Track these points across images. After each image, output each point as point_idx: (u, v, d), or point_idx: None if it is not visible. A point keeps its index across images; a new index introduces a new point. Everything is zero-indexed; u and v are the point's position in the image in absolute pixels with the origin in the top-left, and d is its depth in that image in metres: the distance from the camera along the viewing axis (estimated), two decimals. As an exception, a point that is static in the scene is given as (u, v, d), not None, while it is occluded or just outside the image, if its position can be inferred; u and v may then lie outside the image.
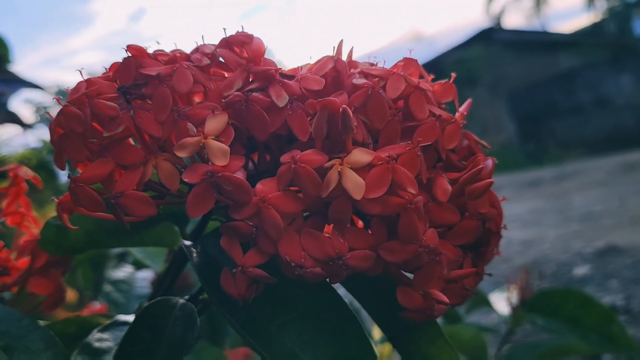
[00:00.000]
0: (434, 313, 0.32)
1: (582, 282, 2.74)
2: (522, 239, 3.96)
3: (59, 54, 13.39)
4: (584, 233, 3.70)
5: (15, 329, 0.40)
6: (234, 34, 0.34)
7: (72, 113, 0.30)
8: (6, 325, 0.40)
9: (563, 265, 3.16)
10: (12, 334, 0.40)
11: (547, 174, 7.05)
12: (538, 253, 3.55)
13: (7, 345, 0.40)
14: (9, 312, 0.41)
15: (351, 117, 0.29)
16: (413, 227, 0.30)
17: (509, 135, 10.14)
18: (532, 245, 3.77)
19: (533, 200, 5.46)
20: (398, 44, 43.24)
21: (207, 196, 0.29)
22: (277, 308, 0.34)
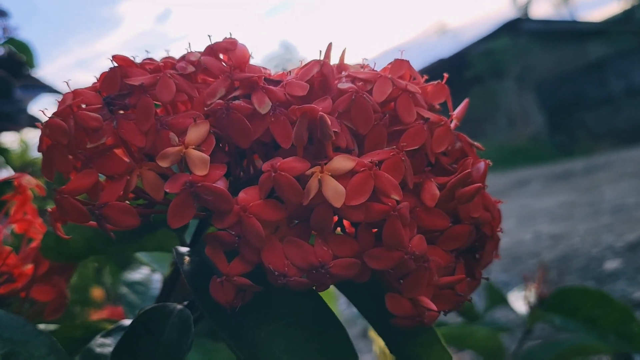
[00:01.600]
0: (425, 320, 0.32)
1: (612, 276, 2.68)
2: (551, 233, 3.89)
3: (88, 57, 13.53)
4: (615, 226, 3.61)
5: (19, 335, 0.41)
6: (218, 41, 0.34)
7: (57, 125, 0.31)
8: (10, 331, 0.41)
9: (593, 259, 3.10)
10: (15, 340, 0.41)
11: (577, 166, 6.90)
12: (568, 247, 3.49)
13: (11, 352, 0.40)
14: (12, 318, 0.42)
15: (329, 124, 0.28)
16: (397, 234, 0.29)
17: (537, 127, 9.95)
18: (561, 239, 3.70)
19: (563, 193, 5.36)
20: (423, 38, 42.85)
21: (187, 206, 0.29)
22: (267, 315, 0.34)
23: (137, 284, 0.83)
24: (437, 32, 18.11)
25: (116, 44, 12.57)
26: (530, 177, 6.81)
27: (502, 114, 10.41)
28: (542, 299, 0.82)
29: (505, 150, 9.11)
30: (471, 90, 10.08)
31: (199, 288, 0.33)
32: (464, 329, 0.76)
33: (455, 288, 0.33)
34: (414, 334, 0.37)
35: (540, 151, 8.65)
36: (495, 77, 10.11)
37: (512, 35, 10.17)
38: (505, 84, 10.20)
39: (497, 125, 10.48)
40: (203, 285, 0.32)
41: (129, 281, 0.84)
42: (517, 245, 3.86)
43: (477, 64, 9.95)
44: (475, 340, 0.75)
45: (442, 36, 22.50)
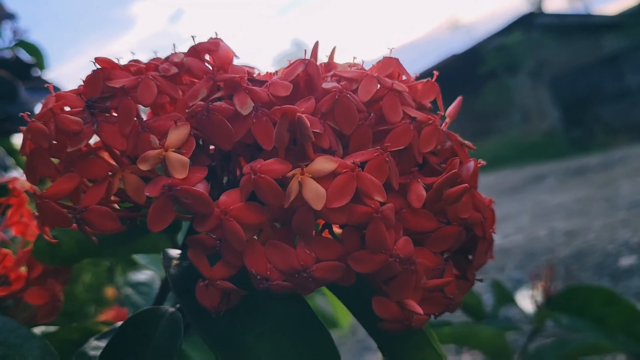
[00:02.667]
0: (412, 323, 0.31)
1: (628, 273, 2.65)
2: (566, 230, 3.84)
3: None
4: (632, 222, 3.56)
5: (12, 338, 0.41)
6: (201, 42, 0.34)
7: (38, 129, 0.30)
8: (3, 335, 0.41)
9: (609, 255, 3.06)
10: (9, 343, 0.41)
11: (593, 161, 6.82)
12: (583, 244, 3.45)
13: (4, 355, 0.40)
14: (6, 322, 0.42)
15: (307, 124, 0.28)
16: (380, 236, 0.28)
17: (552, 122, 9.84)
18: (576, 235, 3.66)
19: (578, 189, 5.30)
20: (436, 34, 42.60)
21: (166, 210, 0.28)
22: (254, 319, 0.33)
23: (142, 285, 0.83)
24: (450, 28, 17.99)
25: (129, 45, 12.49)
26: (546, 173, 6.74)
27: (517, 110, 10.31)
28: (549, 297, 0.80)
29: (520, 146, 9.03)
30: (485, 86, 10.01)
31: (184, 292, 0.33)
32: (469, 329, 0.75)
33: (445, 290, 0.33)
34: (404, 336, 0.36)
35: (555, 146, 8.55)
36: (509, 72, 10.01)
37: (525, 29, 10.06)
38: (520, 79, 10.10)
39: (511, 120, 10.39)
40: (188, 289, 0.32)
41: (134, 282, 0.84)
42: (531, 242, 3.82)
43: (491, 59, 9.86)
44: (480, 339, 0.74)
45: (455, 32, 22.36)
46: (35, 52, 1.56)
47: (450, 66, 11.02)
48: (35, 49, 1.56)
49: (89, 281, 1.55)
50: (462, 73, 10.49)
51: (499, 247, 3.85)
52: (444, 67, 11.12)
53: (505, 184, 6.65)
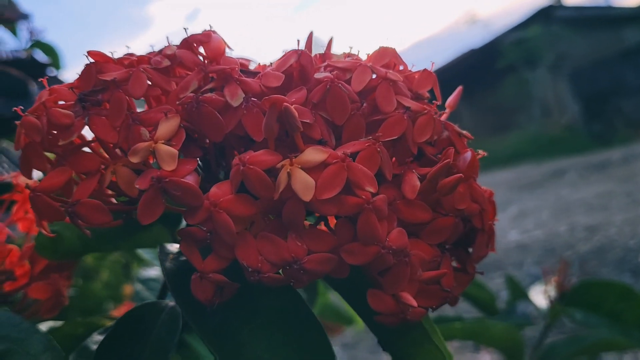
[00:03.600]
0: (408, 316, 0.31)
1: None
2: (587, 225, 3.79)
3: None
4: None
5: (15, 332, 0.41)
6: (193, 34, 0.33)
7: (30, 122, 0.31)
8: (7, 329, 0.41)
9: (630, 251, 3.01)
10: (12, 337, 0.41)
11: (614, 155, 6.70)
12: (604, 239, 3.40)
13: (7, 349, 0.41)
14: (9, 316, 0.42)
15: (294, 115, 0.27)
16: (371, 228, 0.28)
17: (573, 116, 9.69)
18: (597, 231, 3.60)
19: (600, 184, 5.22)
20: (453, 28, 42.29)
21: (156, 202, 0.28)
22: (249, 313, 0.33)
23: (152, 281, 0.83)
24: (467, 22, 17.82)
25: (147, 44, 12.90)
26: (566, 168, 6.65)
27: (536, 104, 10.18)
28: (563, 292, 0.79)
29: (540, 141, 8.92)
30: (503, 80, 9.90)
31: (179, 286, 0.32)
32: (480, 324, 0.74)
33: (442, 283, 0.32)
34: (403, 331, 0.36)
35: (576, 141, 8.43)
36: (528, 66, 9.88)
37: (544, 23, 9.92)
38: (539, 73, 9.96)
39: (531, 115, 10.26)
40: (184, 284, 0.32)
41: (144, 278, 0.84)
42: (551, 238, 3.78)
43: (509, 53, 9.74)
44: (491, 335, 0.73)
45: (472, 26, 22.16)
46: (51, 52, 1.58)
47: (468, 61, 10.93)
48: (51, 49, 1.58)
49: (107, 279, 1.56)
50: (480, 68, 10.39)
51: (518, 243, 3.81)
52: (461, 62, 11.02)
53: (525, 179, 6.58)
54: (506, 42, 10.16)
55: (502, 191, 5.83)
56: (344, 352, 2.40)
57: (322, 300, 1.30)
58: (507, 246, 3.81)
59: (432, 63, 0.36)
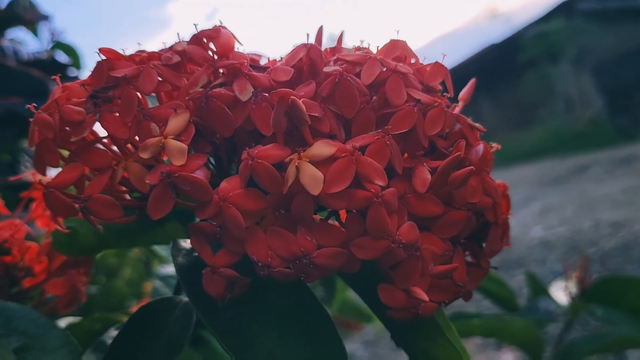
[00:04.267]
0: (420, 311, 0.30)
1: (676, 265, 2.55)
2: (612, 221, 3.72)
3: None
4: (681, 212, 3.42)
5: (33, 328, 0.42)
6: (203, 29, 0.33)
7: (43, 119, 0.31)
8: (24, 325, 0.42)
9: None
10: (29, 333, 0.42)
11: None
12: (629, 235, 3.33)
13: (25, 344, 0.41)
14: (27, 312, 0.43)
15: (302, 108, 0.27)
16: (381, 222, 0.28)
17: (597, 110, 9.52)
18: (622, 227, 3.54)
19: (625, 179, 5.12)
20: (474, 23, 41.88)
21: (166, 197, 0.28)
22: (261, 307, 0.33)
23: (170, 278, 0.84)
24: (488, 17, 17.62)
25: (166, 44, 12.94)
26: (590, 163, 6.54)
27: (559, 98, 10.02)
28: (584, 289, 0.78)
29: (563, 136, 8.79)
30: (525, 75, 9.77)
31: (190, 282, 0.33)
32: (499, 321, 0.73)
33: (454, 277, 0.32)
34: (416, 325, 0.35)
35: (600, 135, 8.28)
36: (550, 60, 9.73)
37: (566, 16, 9.75)
38: (561, 67, 9.81)
39: (554, 109, 10.10)
40: (195, 279, 0.32)
41: (162, 275, 0.85)
42: (575, 234, 3.72)
43: (531, 47, 9.60)
44: (510, 332, 0.72)
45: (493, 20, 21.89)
46: (72, 53, 1.60)
47: (488, 56, 10.81)
48: (72, 50, 1.60)
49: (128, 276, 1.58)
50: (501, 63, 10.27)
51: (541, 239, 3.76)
52: (482, 57, 10.91)
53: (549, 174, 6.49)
54: (527, 36, 10.02)
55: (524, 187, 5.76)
56: (365, 349, 2.40)
57: (341, 296, 1.30)
58: (530, 243, 3.76)
59: (443, 55, 0.36)
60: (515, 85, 10.06)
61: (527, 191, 5.50)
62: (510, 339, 0.74)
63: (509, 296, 0.89)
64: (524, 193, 5.41)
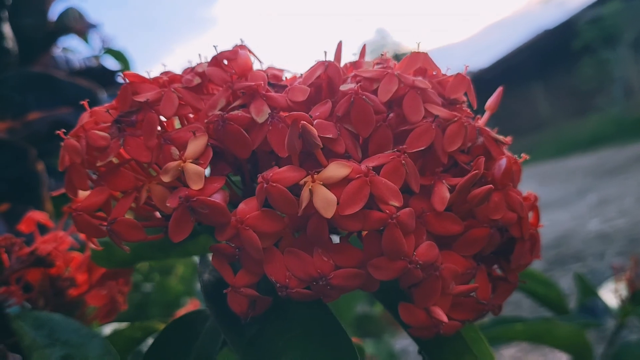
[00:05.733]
0: (441, 330, 0.30)
1: None
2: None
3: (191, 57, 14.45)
4: None
5: (75, 338, 0.44)
6: (222, 51, 0.34)
7: (71, 145, 0.32)
8: (67, 334, 0.44)
9: None
10: (72, 342, 0.44)
11: None
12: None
13: (67, 354, 0.43)
14: (69, 322, 0.45)
15: (312, 132, 0.27)
16: (396, 243, 0.27)
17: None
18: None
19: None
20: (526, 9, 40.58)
21: (185, 220, 0.29)
22: (284, 324, 0.33)
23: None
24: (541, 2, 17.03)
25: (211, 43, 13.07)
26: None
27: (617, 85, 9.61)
28: (634, 291, 0.75)
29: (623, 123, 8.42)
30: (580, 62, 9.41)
31: (214, 298, 0.33)
32: (543, 325, 0.71)
33: (477, 296, 0.31)
34: (444, 342, 0.35)
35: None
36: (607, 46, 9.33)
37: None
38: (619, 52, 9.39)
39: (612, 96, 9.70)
40: (219, 296, 0.33)
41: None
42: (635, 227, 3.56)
43: (586, 32, 9.22)
44: (556, 336, 0.70)
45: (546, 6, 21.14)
46: (121, 58, 1.65)
47: (542, 42, 10.47)
48: (121, 55, 1.65)
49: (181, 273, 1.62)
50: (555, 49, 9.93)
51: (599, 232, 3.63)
52: (535, 44, 10.58)
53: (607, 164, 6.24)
54: (582, 20, 9.63)
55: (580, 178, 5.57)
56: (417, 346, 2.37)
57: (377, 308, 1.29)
58: (587, 236, 3.63)
59: (465, 67, 0.35)
60: (571, 72, 9.70)
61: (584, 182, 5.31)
62: (556, 343, 0.72)
63: (557, 298, 0.86)
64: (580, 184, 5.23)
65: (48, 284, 0.49)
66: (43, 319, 0.45)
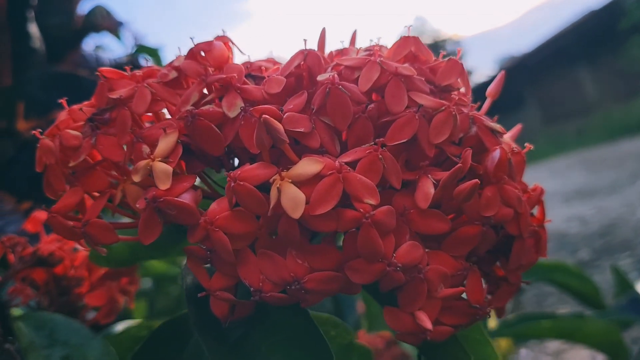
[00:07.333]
0: (428, 336, 0.28)
1: None
2: None
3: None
4: None
5: (75, 338, 0.44)
6: (198, 43, 0.32)
7: (45, 145, 0.31)
8: (67, 335, 0.44)
9: None
10: (72, 343, 0.44)
11: None
12: None
13: (67, 355, 0.43)
14: (70, 323, 0.44)
15: (276, 127, 0.25)
16: (372, 244, 0.25)
17: None
18: None
19: None
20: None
21: (153, 222, 0.28)
22: (268, 328, 0.32)
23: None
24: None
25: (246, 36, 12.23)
26: None
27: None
28: (674, 286, 0.70)
29: (677, 106, 8.05)
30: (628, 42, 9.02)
31: (195, 302, 0.32)
32: (573, 322, 0.68)
33: (469, 299, 0.29)
34: (441, 346, 0.33)
35: None
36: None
37: (678, -28, 8.87)
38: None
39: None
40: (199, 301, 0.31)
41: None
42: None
43: (634, 11, 8.80)
44: (586, 334, 0.66)
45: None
46: (154, 55, 1.66)
47: (588, 23, 10.09)
48: (154, 52, 1.66)
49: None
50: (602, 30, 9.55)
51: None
52: (581, 25, 10.21)
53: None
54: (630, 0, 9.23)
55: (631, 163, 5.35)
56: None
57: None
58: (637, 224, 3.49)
59: (458, 50, 0.32)
60: (619, 54, 9.31)
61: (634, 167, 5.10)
62: (587, 341, 0.68)
63: (591, 292, 0.82)
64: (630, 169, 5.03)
65: (52, 283, 0.49)
66: (44, 320, 0.45)
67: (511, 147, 0.31)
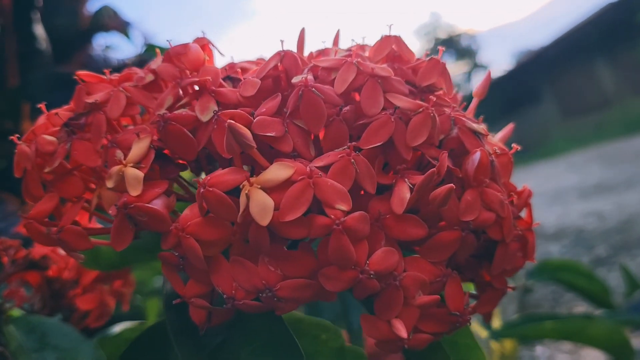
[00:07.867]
0: (406, 345, 0.27)
1: None
2: None
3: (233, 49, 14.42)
4: None
5: (66, 342, 0.44)
6: (174, 46, 0.32)
7: (21, 151, 0.31)
8: (57, 339, 0.44)
9: None
10: (62, 347, 0.44)
11: None
12: None
13: (57, 358, 0.43)
14: (60, 327, 0.44)
15: (241, 132, 0.25)
16: (343, 251, 0.25)
17: None
18: None
19: None
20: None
21: (125, 228, 0.27)
22: (247, 335, 0.31)
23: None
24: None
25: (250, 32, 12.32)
26: None
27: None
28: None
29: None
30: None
31: (173, 308, 0.32)
32: (576, 323, 0.66)
33: (449, 306, 0.28)
34: (426, 353, 0.32)
35: None
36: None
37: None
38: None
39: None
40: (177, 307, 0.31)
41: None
42: None
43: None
44: (590, 335, 0.65)
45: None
46: (163, 54, 1.66)
47: (606, 16, 9.94)
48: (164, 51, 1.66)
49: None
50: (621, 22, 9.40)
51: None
52: (599, 17, 10.05)
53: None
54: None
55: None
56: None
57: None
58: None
59: (440, 49, 0.31)
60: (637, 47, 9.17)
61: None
62: (591, 342, 0.67)
63: (600, 292, 0.80)
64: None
65: (45, 286, 0.49)
66: (35, 323, 0.45)
67: (495, 148, 0.30)
